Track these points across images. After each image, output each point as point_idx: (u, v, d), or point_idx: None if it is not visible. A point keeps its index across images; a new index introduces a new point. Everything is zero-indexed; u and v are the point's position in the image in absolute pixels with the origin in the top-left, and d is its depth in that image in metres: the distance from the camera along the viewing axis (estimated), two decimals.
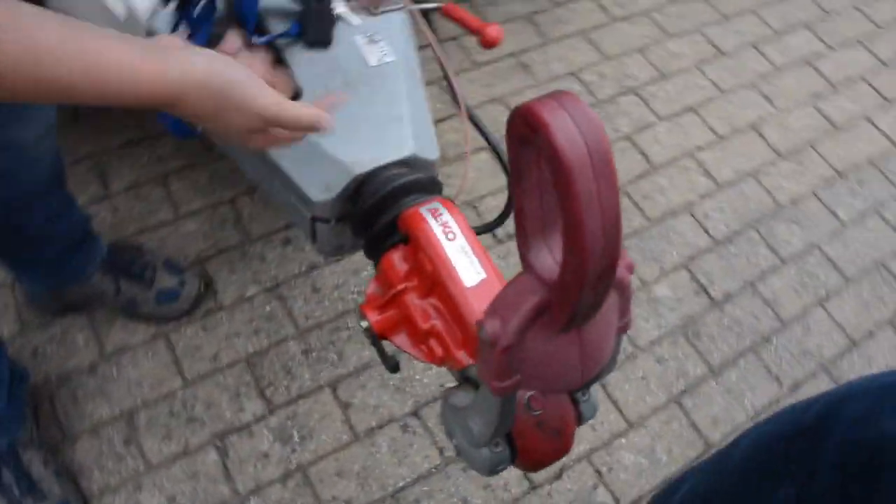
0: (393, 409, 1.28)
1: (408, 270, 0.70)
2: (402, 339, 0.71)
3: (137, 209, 1.40)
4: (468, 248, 0.65)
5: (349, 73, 0.84)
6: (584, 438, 1.29)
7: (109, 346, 1.27)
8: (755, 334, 1.48)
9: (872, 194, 1.78)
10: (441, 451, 1.25)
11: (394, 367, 0.72)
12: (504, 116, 1.73)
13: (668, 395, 1.37)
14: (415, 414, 1.28)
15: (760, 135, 1.83)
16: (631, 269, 0.48)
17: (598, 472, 1.26)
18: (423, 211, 0.68)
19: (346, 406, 1.27)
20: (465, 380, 0.67)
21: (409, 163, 0.79)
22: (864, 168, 1.83)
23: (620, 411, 1.34)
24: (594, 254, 0.37)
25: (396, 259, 0.71)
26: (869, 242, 1.69)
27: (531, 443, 0.61)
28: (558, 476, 1.25)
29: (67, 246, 1.12)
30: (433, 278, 0.66)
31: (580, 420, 0.65)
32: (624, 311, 0.49)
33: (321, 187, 0.79)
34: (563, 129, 0.35)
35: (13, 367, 1.06)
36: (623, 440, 1.30)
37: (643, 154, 1.72)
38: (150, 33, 0.81)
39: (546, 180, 0.41)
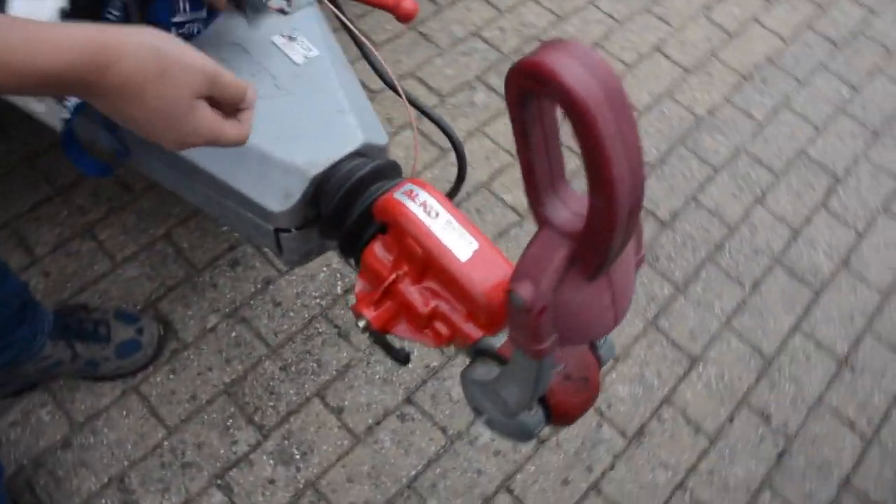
0: (386, 403, 1.26)
1: (394, 259, 0.68)
2: (403, 329, 0.69)
3: (71, 267, 1.32)
4: (454, 222, 0.64)
5: (278, 76, 0.81)
6: None
7: (79, 416, 1.20)
8: (708, 244, 1.53)
9: (778, 90, 1.86)
10: (444, 430, 1.25)
11: (404, 358, 0.70)
12: (416, 90, 1.71)
13: (644, 321, 1.41)
14: (408, 401, 1.27)
15: (665, 55, 1.88)
16: None
17: (599, 412, 1.29)
18: (398, 195, 0.66)
19: (338, 411, 1.25)
20: (479, 353, 0.66)
21: (362, 152, 0.77)
22: (764, 67, 1.91)
23: None
24: (623, 193, 0.37)
25: (379, 250, 0.69)
26: (786, 135, 1.76)
27: (563, 397, 0.61)
28: None
29: (10, 317, 1.04)
30: (425, 261, 0.64)
31: (600, 364, 0.65)
32: (638, 245, 0.50)
33: (280, 197, 0.76)
34: (574, 73, 0.34)
35: None
36: (614, 374, 1.33)
37: None
38: None
39: (551, 134, 0.41)
